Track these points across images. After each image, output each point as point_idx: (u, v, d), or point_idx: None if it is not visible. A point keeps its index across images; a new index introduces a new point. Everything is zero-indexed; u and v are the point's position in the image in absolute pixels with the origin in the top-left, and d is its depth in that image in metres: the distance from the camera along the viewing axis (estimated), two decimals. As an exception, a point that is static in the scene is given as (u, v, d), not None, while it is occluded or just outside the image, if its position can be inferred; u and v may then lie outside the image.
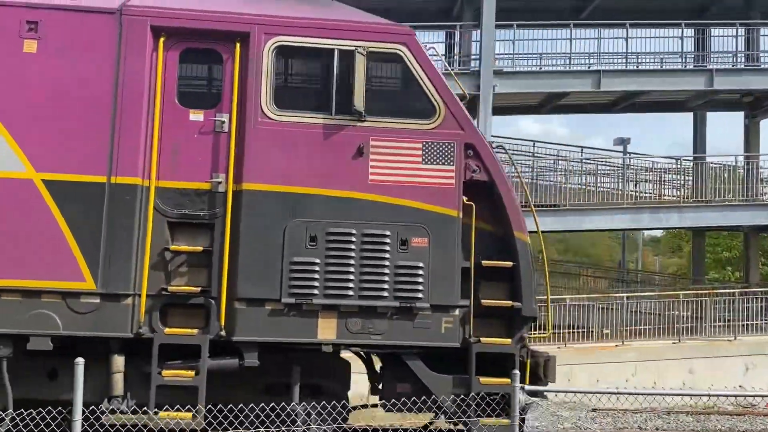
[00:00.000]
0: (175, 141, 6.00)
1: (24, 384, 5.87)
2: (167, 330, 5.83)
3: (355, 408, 6.77)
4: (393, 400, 6.11)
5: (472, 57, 17.44)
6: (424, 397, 5.93)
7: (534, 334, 6.54)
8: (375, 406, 6.57)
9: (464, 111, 6.23)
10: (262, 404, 5.65)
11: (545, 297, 6.75)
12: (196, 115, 6.07)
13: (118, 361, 5.85)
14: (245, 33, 6.05)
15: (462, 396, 5.99)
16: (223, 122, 6.02)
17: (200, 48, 6.15)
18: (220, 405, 5.52)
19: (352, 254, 5.94)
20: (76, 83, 5.85)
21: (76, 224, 5.75)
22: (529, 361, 6.50)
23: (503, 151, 6.41)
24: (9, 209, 5.72)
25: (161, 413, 5.72)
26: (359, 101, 5.92)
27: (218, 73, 6.16)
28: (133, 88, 5.90)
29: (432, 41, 18.40)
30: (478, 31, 16.57)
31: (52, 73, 5.85)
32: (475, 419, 5.89)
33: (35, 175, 5.78)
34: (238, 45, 6.04)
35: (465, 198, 6.12)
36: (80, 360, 5.18)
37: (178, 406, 5.68)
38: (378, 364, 6.54)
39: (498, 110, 17.29)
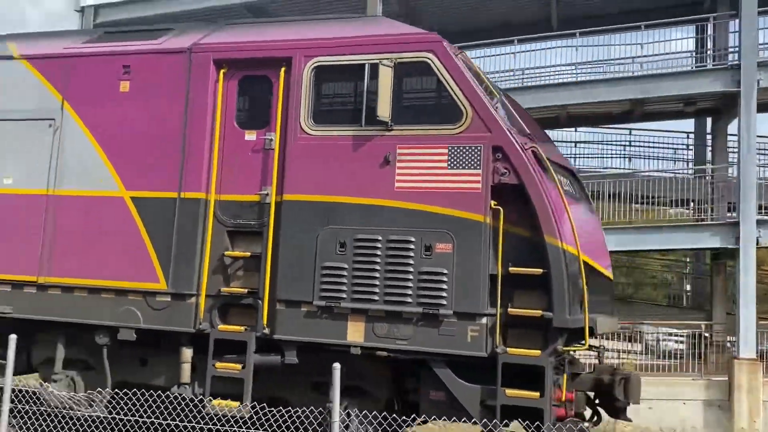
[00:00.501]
0: (233, 159, 6.75)
1: (121, 369, 7.03)
2: (221, 327, 6.55)
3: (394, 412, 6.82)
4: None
5: (730, 50, 15.78)
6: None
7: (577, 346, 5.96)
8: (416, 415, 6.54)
9: (493, 113, 6.04)
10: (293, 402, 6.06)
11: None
12: (250, 135, 6.76)
13: (186, 353, 6.70)
14: (288, 58, 6.62)
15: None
16: (271, 140, 6.62)
17: (254, 75, 6.86)
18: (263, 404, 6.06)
19: (378, 260, 6.10)
20: (156, 115, 6.93)
21: (153, 233, 6.78)
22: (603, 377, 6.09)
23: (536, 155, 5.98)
24: (106, 222, 6.95)
25: (214, 401, 6.43)
26: (384, 111, 6.09)
27: (268, 97, 6.78)
28: (199, 115, 6.80)
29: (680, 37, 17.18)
30: (737, 20, 14.77)
31: (138, 107, 7.00)
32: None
33: (125, 193, 6.95)
34: (283, 69, 6.63)
35: (493, 202, 5.92)
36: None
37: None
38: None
39: (764, 107, 15.16)
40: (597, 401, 6.76)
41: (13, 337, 6.30)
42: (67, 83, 7.34)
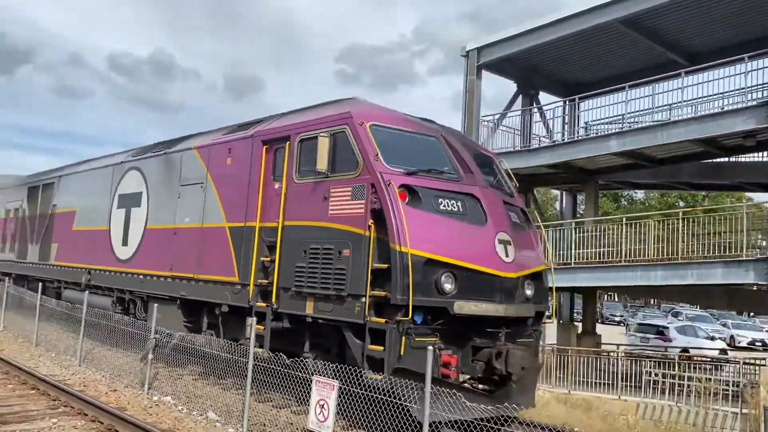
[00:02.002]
0: (268, 200, 10.92)
1: (227, 330, 11.74)
2: (258, 304, 10.71)
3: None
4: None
5: None
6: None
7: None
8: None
9: (372, 162, 9.02)
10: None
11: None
12: (276, 184, 10.85)
13: (248, 320, 11.01)
14: (288, 135, 10.57)
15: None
16: (281, 187, 10.62)
17: (278, 147, 10.94)
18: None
19: (317, 261, 9.56)
20: (239, 176, 11.53)
21: (235, 248, 11.34)
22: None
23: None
24: (212, 244, 11.79)
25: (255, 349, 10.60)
26: (322, 165, 9.59)
27: (282, 160, 10.78)
28: (255, 174, 11.18)
29: None
30: None
31: (233, 172, 11.72)
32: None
33: (225, 224, 11.69)
34: (287, 143, 10.59)
35: (371, 221, 8.89)
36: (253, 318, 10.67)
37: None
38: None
39: None
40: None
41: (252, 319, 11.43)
42: (209, 161, 12.53)
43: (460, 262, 8.76)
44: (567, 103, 21.26)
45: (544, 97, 23.98)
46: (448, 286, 8.65)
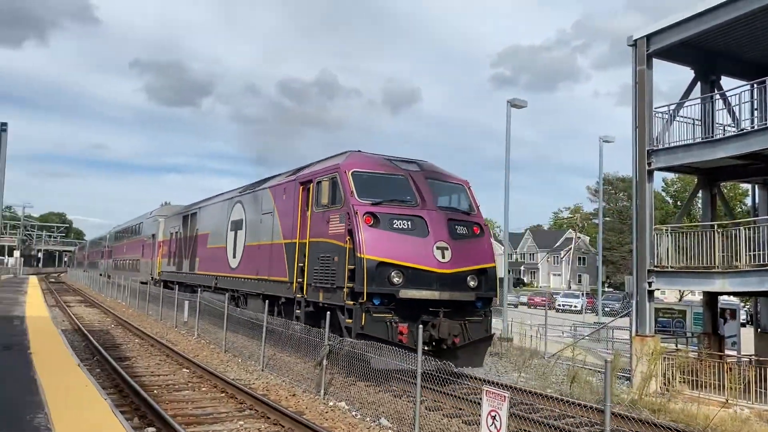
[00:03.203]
0: (303, 224, 15.78)
1: (285, 314, 16.76)
2: (298, 295, 15.58)
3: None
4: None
5: None
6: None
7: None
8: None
9: (348, 198, 13.52)
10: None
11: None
12: (308, 212, 15.68)
13: (296, 310, 15.91)
14: (312, 180, 15.38)
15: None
16: (308, 214, 15.43)
17: (307, 188, 15.78)
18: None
19: (323, 264, 14.24)
20: (290, 206, 16.56)
21: (287, 257, 16.36)
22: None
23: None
24: (276, 255, 16.91)
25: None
26: (324, 200, 14.30)
27: (309, 196, 15.58)
28: (296, 205, 16.13)
29: None
30: None
31: (286, 204, 16.79)
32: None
33: (282, 242, 16.77)
34: (312, 185, 15.40)
35: (348, 237, 13.39)
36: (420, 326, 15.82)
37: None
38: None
39: None
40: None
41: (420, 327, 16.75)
42: (275, 197, 17.77)
43: (405, 263, 12.99)
44: (756, 86, 17.76)
45: (726, 83, 20.78)
46: (396, 279, 12.91)
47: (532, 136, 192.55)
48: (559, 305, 53.69)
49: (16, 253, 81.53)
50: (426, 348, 13.58)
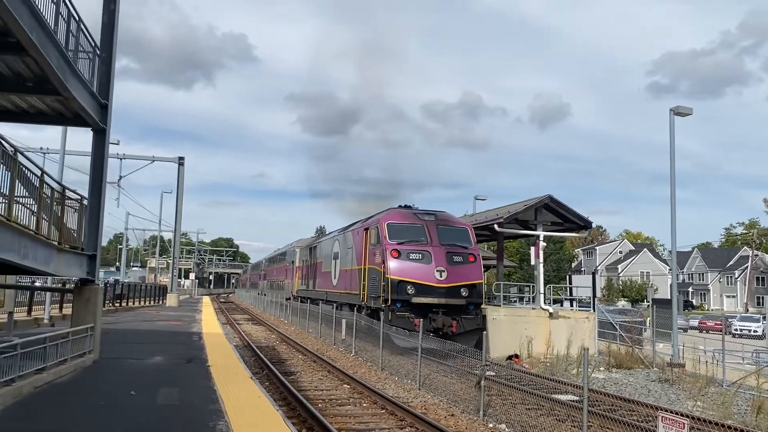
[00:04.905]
0: (366, 256, 24.21)
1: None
2: (363, 302, 24.00)
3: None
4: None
5: None
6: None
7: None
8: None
9: (384, 240, 21.80)
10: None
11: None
12: (369, 247, 24.12)
13: (362, 313, 24.34)
14: (370, 227, 23.86)
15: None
16: (368, 249, 23.86)
17: (367, 233, 24.24)
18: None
19: (372, 282, 22.59)
20: (359, 244, 25.14)
21: (359, 277, 24.88)
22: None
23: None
24: (354, 277, 25.53)
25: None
26: (373, 240, 22.72)
27: (367, 237, 24.01)
28: (362, 243, 24.66)
29: None
30: None
31: (357, 243, 25.39)
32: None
33: (356, 268, 25.37)
34: (368, 229, 23.85)
35: (382, 265, 21.60)
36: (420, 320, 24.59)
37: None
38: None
39: None
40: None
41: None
42: (354, 237, 26.53)
43: (416, 280, 21.04)
44: None
45: None
46: (410, 290, 20.97)
47: (696, 147, 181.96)
48: (735, 329, 48.69)
49: (192, 276, 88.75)
50: (430, 333, 21.33)
